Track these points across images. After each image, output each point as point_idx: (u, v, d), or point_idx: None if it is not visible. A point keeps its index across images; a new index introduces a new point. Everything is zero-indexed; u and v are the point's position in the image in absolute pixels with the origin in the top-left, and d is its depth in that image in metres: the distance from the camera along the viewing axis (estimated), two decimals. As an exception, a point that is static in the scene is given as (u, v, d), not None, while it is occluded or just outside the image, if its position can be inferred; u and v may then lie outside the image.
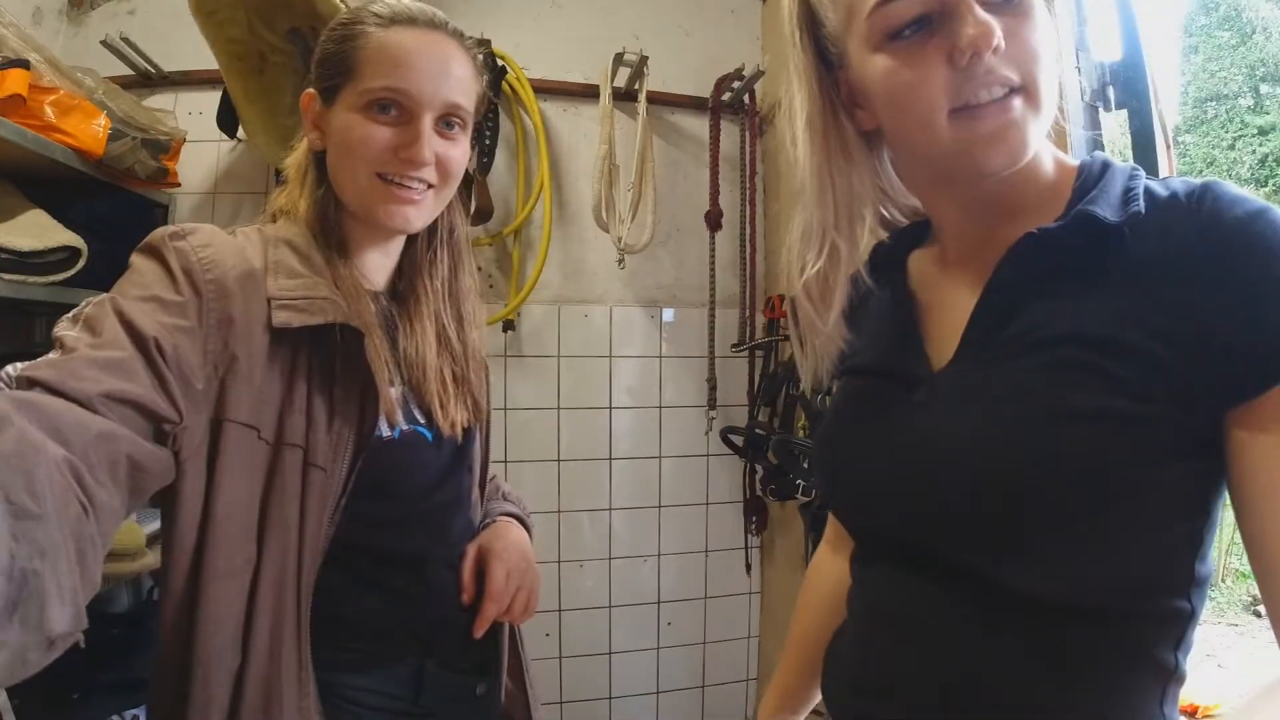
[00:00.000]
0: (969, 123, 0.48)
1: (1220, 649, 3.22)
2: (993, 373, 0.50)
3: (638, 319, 2.01)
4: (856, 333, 0.64)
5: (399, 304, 0.80)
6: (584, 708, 1.94)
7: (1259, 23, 4.81)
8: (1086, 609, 0.47)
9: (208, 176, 1.81)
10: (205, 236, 0.66)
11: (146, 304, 0.59)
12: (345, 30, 0.74)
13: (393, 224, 0.73)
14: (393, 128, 0.71)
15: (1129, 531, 0.46)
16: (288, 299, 0.66)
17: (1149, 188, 0.50)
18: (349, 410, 0.68)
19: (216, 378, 0.62)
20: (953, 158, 0.51)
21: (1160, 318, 0.45)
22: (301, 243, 0.72)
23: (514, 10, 1.94)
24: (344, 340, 0.67)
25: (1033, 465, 0.46)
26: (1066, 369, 0.47)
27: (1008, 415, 0.48)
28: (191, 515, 0.62)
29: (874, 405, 0.60)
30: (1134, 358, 0.45)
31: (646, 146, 1.85)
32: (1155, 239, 0.47)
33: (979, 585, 0.49)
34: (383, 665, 0.71)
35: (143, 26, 1.75)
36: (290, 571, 0.64)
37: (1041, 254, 0.50)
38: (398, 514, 0.73)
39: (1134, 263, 0.47)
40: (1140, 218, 0.48)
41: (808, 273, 0.59)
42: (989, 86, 0.48)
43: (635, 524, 1.99)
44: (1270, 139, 5.02)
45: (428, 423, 0.77)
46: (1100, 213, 0.48)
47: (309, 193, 0.76)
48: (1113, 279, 0.48)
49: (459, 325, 0.82)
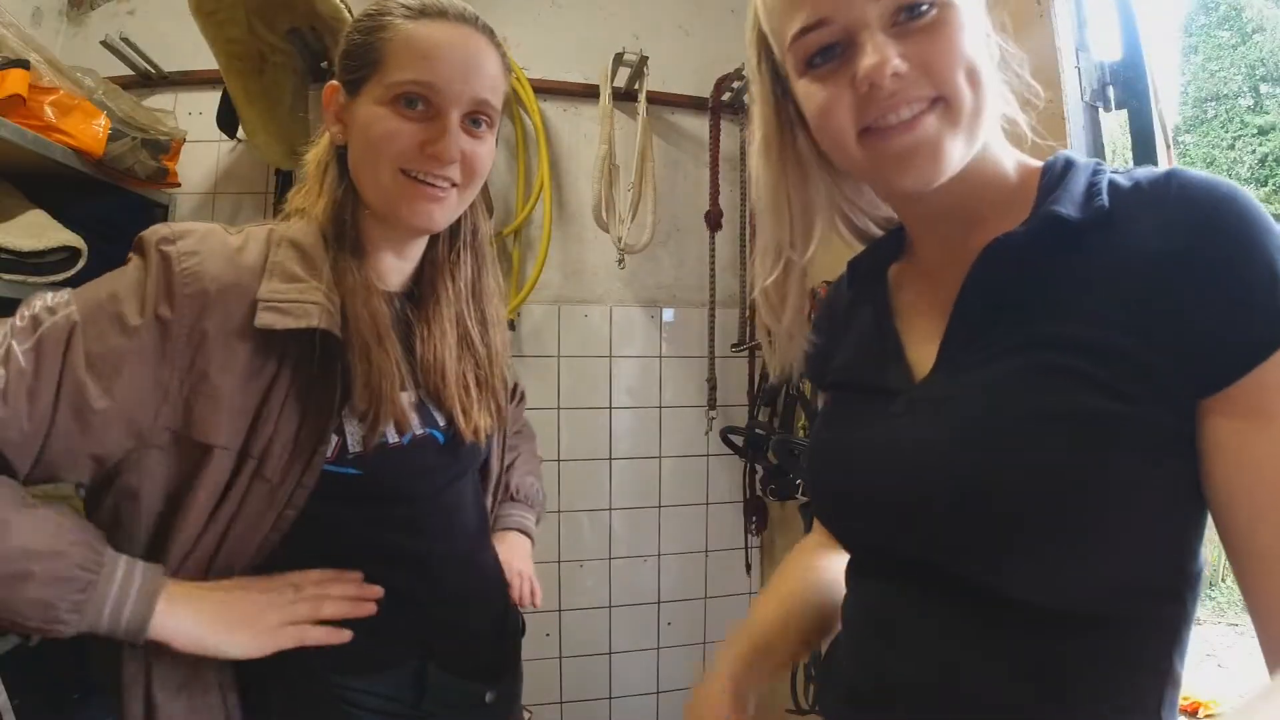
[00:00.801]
0: (876, 144, 0.50)
1: (1220, 649, 3.21)
2: (969, 380, 0.51)
3: (638, 319, 2.01)
4: (838, 344, 0.66)
5: (417, 306, 0.78)
6: (584, 708, 1.93)
7: (1259, 23, 4.81)
8: (1080, 614, 0.47)
9: (208, 176, 1.81)
10: (194, 242, 0.64)
11: (100, 329, 0.60)
12: (372, 21, 0.71)
13: (416, 222, 0.71)
14: (419, 123, 0.69)
15: (1117, 533, 0.45)
16: (275, 301, 0.64)
17: (1113, 181, 0.50)
18: (319, 422, 0.66)
19: (180, 395, 0.63)
20: (869, 176, 0.55)
21: (1134, 313, 0.45)
22: (308, 244, 0.70)
23: (514, 10, 1.94)
24: (324, 347, 0.65)
25: (1013, 470, 0.46)
26: (1043, 372, 0.46)
27: (986, 421, 0.48)
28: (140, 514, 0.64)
29: (856, 418, 0.60)
30: (1111, 356, 0.45)
31: (646, 146, 1.85)
32: (1122, 232, 0.47)
33: (971, 593, 0.49)
34: (383, 666, 0.70)
35: (143, 26, 1.75)
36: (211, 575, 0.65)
37: (1009, 259, 0.50)
38: (402, 515, 0.73)
39: (1103, 259, 0.47)
40: (1104, 212, 0.48)
41: (763, 284, 0.62)
42: (895, 110, 0.48)
43: (635, 524, 1.99)
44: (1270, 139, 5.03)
45: (447, 426, 0.76)
46: (1063, 211, 0.48)
47: (328, 190, 0.75)
48: (1082, 276, 0.48)
49: (483, 328, 0.81)
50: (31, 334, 0.59)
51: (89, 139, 1.36)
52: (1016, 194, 0.54)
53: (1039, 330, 0.48)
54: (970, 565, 0.49)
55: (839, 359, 0.66)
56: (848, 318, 0.67)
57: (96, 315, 0.61)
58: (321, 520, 0.68)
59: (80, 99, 1.35)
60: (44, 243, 1.27)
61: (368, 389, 0.68)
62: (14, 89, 1.20)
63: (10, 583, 0.54)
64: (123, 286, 0.62)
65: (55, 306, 0.60)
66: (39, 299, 0.61)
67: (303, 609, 0.66)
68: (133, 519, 0.64)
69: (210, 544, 0.65)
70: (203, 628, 0.62)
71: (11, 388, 0.57)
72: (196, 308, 0.62)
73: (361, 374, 0.68)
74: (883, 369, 0.58)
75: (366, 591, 0.69)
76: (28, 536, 0.55)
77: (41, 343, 0.58)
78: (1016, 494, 0.46)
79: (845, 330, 0.66)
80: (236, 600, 0.64)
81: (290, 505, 0.66)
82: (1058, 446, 0.45)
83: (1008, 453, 0.46)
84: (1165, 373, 0.44)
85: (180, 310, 0.62)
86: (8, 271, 1.23)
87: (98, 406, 0.59)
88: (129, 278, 0.63)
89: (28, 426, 0.57)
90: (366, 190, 0.72)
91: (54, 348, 0.59)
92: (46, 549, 0.56)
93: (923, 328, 0.58)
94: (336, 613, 0.68)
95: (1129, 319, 0.45)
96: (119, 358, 0.60)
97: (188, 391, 0.63)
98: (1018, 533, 0.46)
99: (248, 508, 0.65)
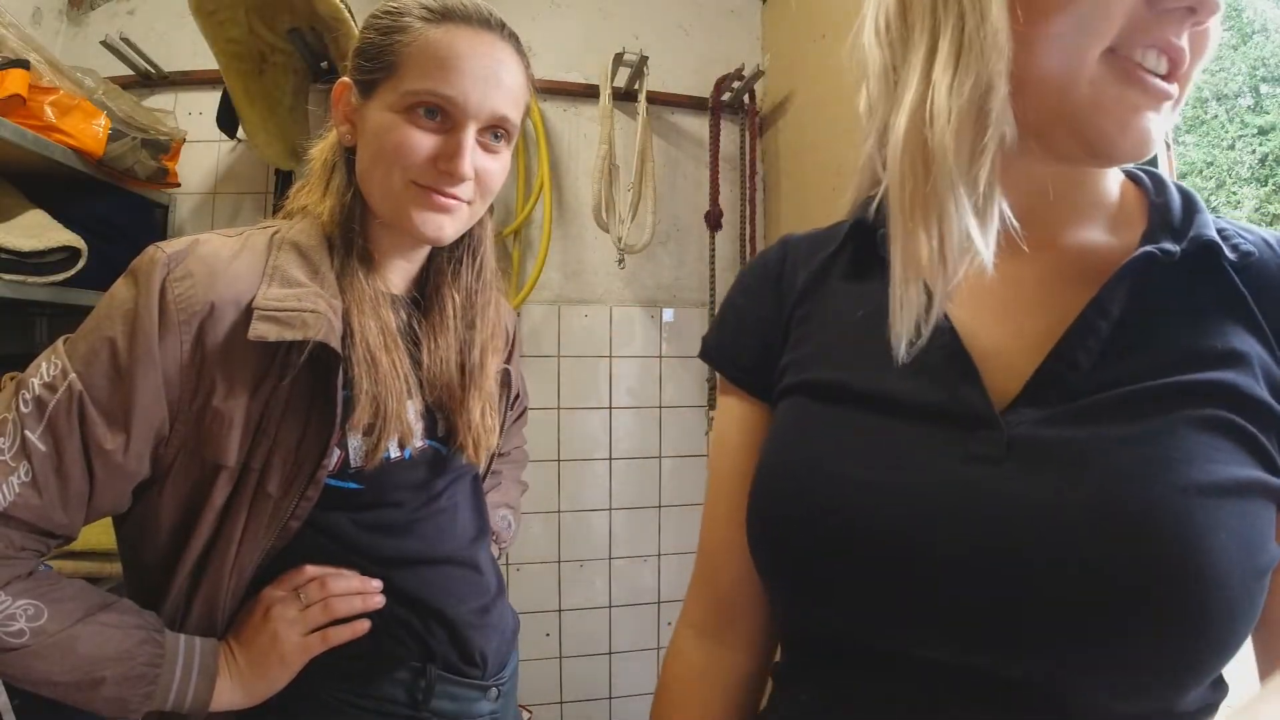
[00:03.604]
0: (1126, 69, 0.39)
1: (1220, 649, 3.20)
2: (1118, 426, 0.39)
3: (638, 319, 2.01)
4: (814, 330, 0.51)
5: (422, 311, 0.76)
6: (584, 708, 1.93)
7: (1259, 23, 4.80)
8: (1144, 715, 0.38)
9: (207, 177, 1.80)
10: (190, 264, 0.63)
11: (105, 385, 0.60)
12: (391, 21, 0.68)
13: (425, 232, 0.69)
14: (434, 134, 0.66)
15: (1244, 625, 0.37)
16: (272, 310, 0.62)
17: (1238, 226, 0.45)
18: (319, 435, 0.65)
19: (190, 415, 0.63)
20: (1082, 104, 0.40)
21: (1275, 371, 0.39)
22: (311, 245, 0.69)
23: (514, 10, 1.93)
24: (324, 360, 0.64)
25: (1199, 552, 0.35)
26: (1214, 431, 0.38)
27: (1157, 481, 0.37)
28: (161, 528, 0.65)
29: (901, 445, 0.43)
30: (1264, 416, 0.39)
31: (646, 146, 1.85)
32: (1257, 284, 0.42)
33: (1034, 706, 0.38)
34: (383, 670, 0.70)
35: (143, 26, 1.75)
36: (224, 584, 0.65)
37: (1155, 278, 0.41)
38: (401, 520, 0.73)
39: (1245, 305, 0.41)
40: (1250, 259, 0.42)
41: None
42: (1158, 51, 0.38)
43: (635, 524, 1.99)
44: (1270, 139, 5.02)
45: (447, 435, 0.76)
46: (1219, 242, 0.42)
47: (335, 193, 0.72)
48: (1232, 319, 0.41)
49: (486, 335, 0.79)
50: (40, 418, 0.59)
51: (89, 139, 1.36)
52: (1117, 201, 0.47)
53: (1200, 375, 0.39)
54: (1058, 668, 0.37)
55: (826, 352, 0.50)
56: (827, 293, 0.52)
57: (96, 374, 0.60)
58: (321, 527, 0.68)
59: (80, 99, 1.35)
60: (44, 243, 1.27)
61: (374, 406, 0.67)
62: (14, 89, 1.20)
63: (86, 689, 0.59)
64: (117, 326, 0.61)
65: (53, 382, 0.60)
66: (34, 377, 0.60)
67: (317, 615, 0.66)
68: (155, 531, 0.65)
69: (221, 556, 0.65)
70: (248, 686, 0.65)
71: (40, 475, 0.58)
72: (193, 331, 0.62)
73: (368, 390, 0.66)
74: (939, 384, 0.43)
75: (366, 585, 0.69)
76: (95, 646, 0.59)
77: (53, 424, 0.59)
78: (1198, 584, 0.35)
79: (824, 308, 0.51)
80: (258, 637, 0.66)
81: (294, 517, 0.66)
82: (1254, 528, 0.36)
83: (1194, 528, 0.36)
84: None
85: (178, 336, 0.61)
86: (8, 271, 1.23)
87: (125, 455, 0.61)
88: (122, 310, 0.62)
89: (70, 505, 0.60)
90: (375, 196, 0.70)
91: (67, 423, 0.59)
92: (114, 654, 0.60)
93: (990, 337, 0.45)
94: (348, 610, 0.68)
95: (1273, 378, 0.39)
96: (128, 398, 0.60)
97: (196, 411, 0.63)
98: (1188, 633, 0.36)
99: (253, 521, 0.65)
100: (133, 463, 0.62)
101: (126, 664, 0.60)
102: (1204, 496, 0.36)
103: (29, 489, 0.58)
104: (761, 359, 0.54)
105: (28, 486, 0.58)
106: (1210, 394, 0.39)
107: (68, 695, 0.59)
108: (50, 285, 1.30)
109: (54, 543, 0.62)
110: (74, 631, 0.59)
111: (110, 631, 0.60)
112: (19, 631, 0.57)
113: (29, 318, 1.64)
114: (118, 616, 0.62)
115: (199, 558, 0.65)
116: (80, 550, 1.20)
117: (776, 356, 0.53)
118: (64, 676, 0.58)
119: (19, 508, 0.58)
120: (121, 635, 0.61)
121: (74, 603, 0.60)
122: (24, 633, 0.57)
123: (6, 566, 0.58)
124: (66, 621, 0.59)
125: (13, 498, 0.57)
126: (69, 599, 0.60)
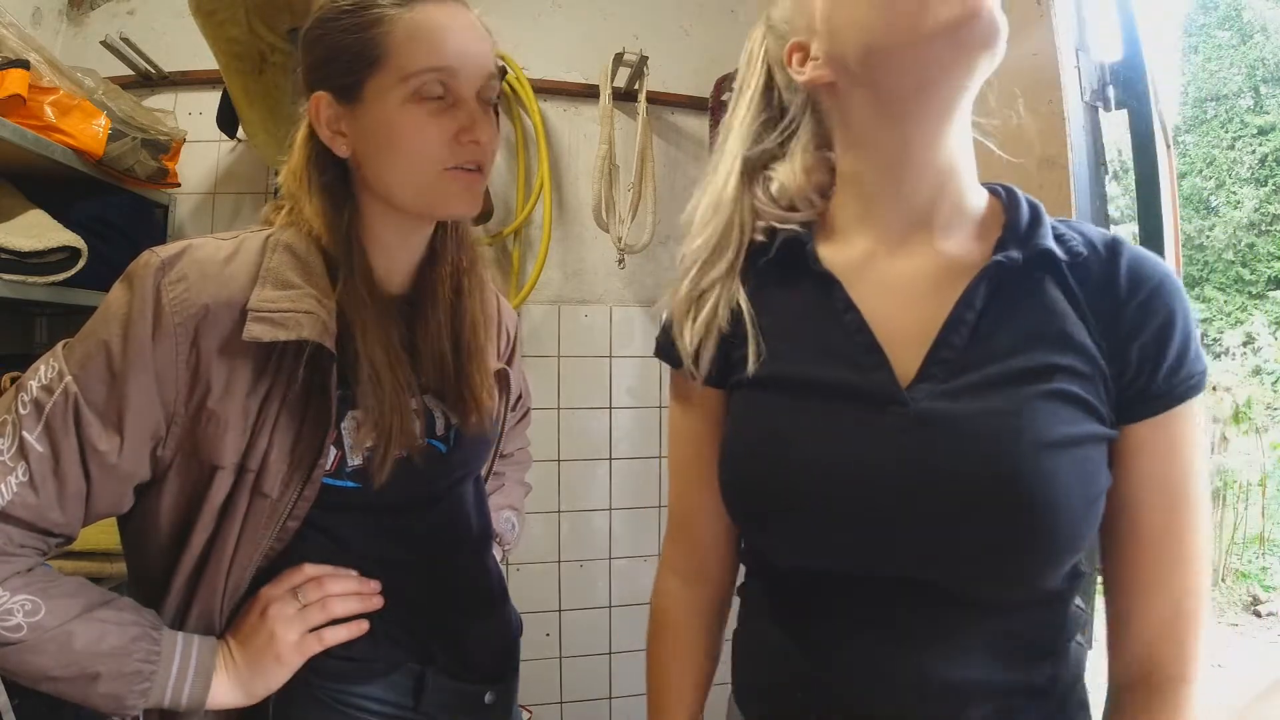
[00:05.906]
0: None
1: (1220, 649, 3.21)
2: (988, 399, 0.53)
3: (638, 319, 2.01)
4: (762, 333, 0.61)
5: (416, 307, 0.76)
6: (584, 708, 1.93)
7: (1259, 23, 4.81)
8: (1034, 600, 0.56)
9: (208, 176, 1.80)
10: (185, 268, 0.63)
11: (101, 389, 0.61)
12: (358, 18, 0.67)
13: (461, 210, 0.71)
14: (443, 114, 0.67)
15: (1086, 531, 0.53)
16: (265, 311, 0.62)
17: (1073, 230, 0.58)
18: (315, 434, 0.65)
19: (186, 417, 0.63)
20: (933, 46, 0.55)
21: (1111, 350, 0.54)
22: (306, 248, 0.68)
23: (514, 10, 1.94)
24: (317, 360, 0.64)
25: (1048, 493, 0.50)
26: (1058, 400, 0.52)
27: (1017, 444, 0.51)
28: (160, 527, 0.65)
29: (831, 423, 0.56)
30: (1097, 383, 0.54)
31: (646, 146, 1.85)
32: (1093, 278, 0.56)
33: (947, 598, 0.55)
34: (382, 671, 0.70)
35: (143, 26, 1.75)
36: (223, 584, 0.65)
37: (1008, 279, 0.55)
38: (402, 522, 0.73)
39: (1086, 300, 0.55)
40: (1080, 260, 0.56)
41: None
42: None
43: (635, 524, 1.99)
44: (1270, 139, 5.03)
45: (447, 432, 0.76)
46: (1055, 249, 0.55)
47: (323, 213, 0.69)
48: (1065, 309, 0.55)
49: (479, 321, 0.79)
50: (38, 420, 0.60)
51: (89, 139, 1.36)
52: (982, 213, 0.60)
53: (1041, 356, 0.53)
54: (975, 585, 0.54)
55: (774, 347, 0.60)
56: (766, 300, 0.62)
57: (91, 377, 0.61)
58: (320, 527, 0.68)
59: (80, 99, 1.35)
60: (44, 243, 1.27)
61: (379, 427, 0.67)
62: (14, 89, 1.20)
63: (82, 683, 0.60)
64: (112, 330, 0.61)
65: (51, 384, 0.60)
66: (33, 380, 0.61)
67: (314, 615, 0.66)
68: (155, 531, 0.66)
69: (220, 555, 0.65)
70: (245, 685, 0.66)
71: (37, 476, 0.59)
72: (188, 335, 0.62)
73: (374, 403, 0.67)
74: (859, 370, 0.56)
75: (365, 586, 0.69)
76: (92, 642, 0.60)
77: (50, 426, 0.60)
78: (1051, 516, 0.50)
79: (764, 314, 0.61)
80: (255, 636, 0.66)
81: (292, 517, 0.66)
82: (1081, 469, 0.52)
83: (1043, 476, 0.50)
84: (1123, 401, 0.54)
85: (173, 339, 0.62)
86: (8, 271, 1.23)
87: (120, 456, 0.61)
88: (117, 314, 0.62)
89: (67, 505, 0.61)
90: (400, 193, 0.69)
91: (63, 424, 0.60)
92: (110, 650, 0.60)
93: (894, 324, 0.57)
94: (346, 610, 0.68)
95: (1109, 352, 0.54)
96: (122, 401, 0.61)
97: (192, 412, 0.63)
98: (1038, 550, 0.52)
99: (251, 521, 0.65)
100: (128, 464, 0.62)
101: (122, 660, 0.60)
102: (1051, 449, 0.51)
103: (26, 488, 0.59)
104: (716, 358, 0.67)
105: (25, 486, 0.59)
106: (1054, 370, 0.53)
107: (64, 690, 0.59)
108: (50, 285, 1.30)
109: (54, 542, 0.63)
110: (70, 627, 0.59)
111: (107, 628, 0.61)
112: (16, 626, 0.57)
113: (29, 318, 1.64)
114: (115, 613, 0.62)
115: (198, 558, 0.65)
116: (81, 550, 1.20)
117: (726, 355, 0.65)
118: (60, 671, 0.59)
119: (17, 506, 0.58)
120: (118, 631, 0.61)
121: (71, 599, 0.61)
122: (21, 627, 0.57)
123: (5, 563, 0.59)
124: (63, 617, 0.59)
125: (11, 496, 0.58)
126: (67, 595, 0.61)
